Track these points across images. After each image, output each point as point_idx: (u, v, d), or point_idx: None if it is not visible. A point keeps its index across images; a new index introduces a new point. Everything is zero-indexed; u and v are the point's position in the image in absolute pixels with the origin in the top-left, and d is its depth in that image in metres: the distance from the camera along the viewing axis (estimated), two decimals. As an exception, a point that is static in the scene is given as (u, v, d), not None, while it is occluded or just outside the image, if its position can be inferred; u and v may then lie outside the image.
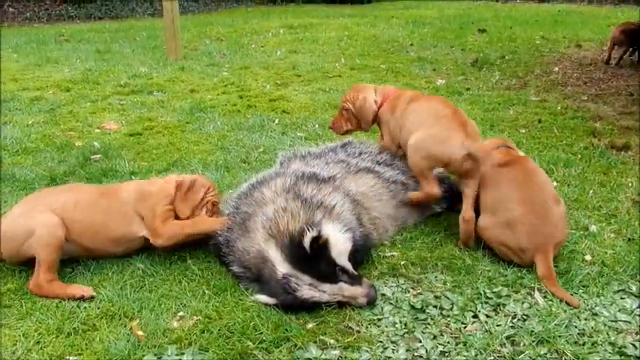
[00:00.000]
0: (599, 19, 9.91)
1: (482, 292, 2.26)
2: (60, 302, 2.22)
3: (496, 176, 2.58)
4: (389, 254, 2.59)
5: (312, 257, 2.16)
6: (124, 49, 8.15)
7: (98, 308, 2.19)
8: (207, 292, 2.30)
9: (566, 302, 2.18)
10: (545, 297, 2.23)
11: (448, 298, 2.24)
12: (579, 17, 10.10)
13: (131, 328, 2.06)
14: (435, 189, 2.68)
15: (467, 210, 2.60)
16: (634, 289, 2.26)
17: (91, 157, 3.84)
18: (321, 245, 2.16)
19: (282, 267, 2.19)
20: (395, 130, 2.88)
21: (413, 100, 2.86)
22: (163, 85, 5.90)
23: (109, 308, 2.19)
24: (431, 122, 2.67)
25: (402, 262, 2.49)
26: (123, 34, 9.59)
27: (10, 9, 12.73)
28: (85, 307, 2.18)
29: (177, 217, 2.57)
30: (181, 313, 2.17)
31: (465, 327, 2.08)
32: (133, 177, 3.50)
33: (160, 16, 7.77)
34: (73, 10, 12.66)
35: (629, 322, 2.07)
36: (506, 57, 6.87)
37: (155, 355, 1.92)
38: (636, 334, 2.02)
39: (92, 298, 2.26)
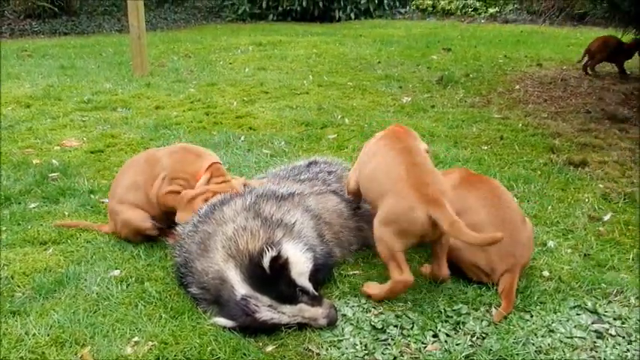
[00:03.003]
0: (559, 39, 10.22)
1: (443, 311, 2.27)
2: (7, 330, 2.12)
3: (464, 197, 2.52)
4: (351, 273, 2.57)
5: (272, 278, 2.13)
6: (88, 64, 8.01)
7: (48, 335, 2.11)
8: (163, 315, 2.24)
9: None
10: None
11: (409, 318, 2.23)
12: (541, 37, 10.40)
13: (82, 356, 1.99)
14: (407, 275, 2.23)
15: (441, 268, 2.37)
16: (589, 304, 2.29)
17: (49, 175, 3.74)
18: (280, 265, 2.14)
19: (241, 288, 2.15)
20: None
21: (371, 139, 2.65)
22: (128, 102, 5.80)
23: (59, 335, 2.11)
24: (387, 187, 2.32)
25: (364, 281, 2.48)
26: (88, 49, 9.43)
27: (-28, 23, 12.39)
28: (34, 334, 2.10)
29: None
30: (136, 339, 2.10)
31: (425, 347, 2.08)
32: (92, 196, 3.42)
33: (127, 32, 7.65)
34: (37, 25, 12.40)
35: (584, 339, 2.10)
36: (471, 75, 7.00)
37: (106, 383, 1.85)
38: (591, 350, 2.05)
39: None
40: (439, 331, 2.15)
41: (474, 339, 2.11)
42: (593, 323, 2.18)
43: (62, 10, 13.06)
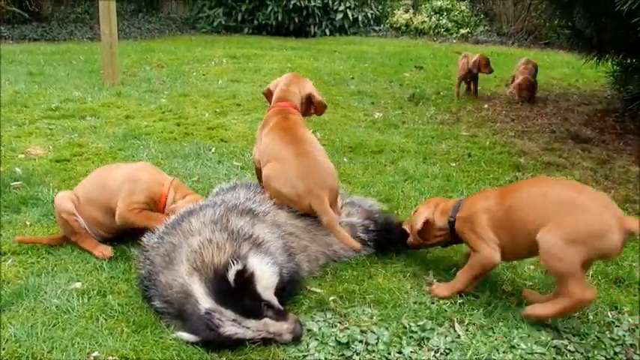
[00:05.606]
0: (528, 61, 10.51)
1: (408, 326, 2.28)
2: (-41, 343, 2.05)
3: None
4: (317, 288, 2.57)
5: (237, 291, 2.11)
6: (58, 72, 7.86)
7: (3, 349, 2.04)
8: (125, 329, 2.19)
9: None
10: (467, 329, 2.28)
11: (374, 333, 2.24)
12: (510, 58, 10.66)
13: (37, 371, 1.93)
14: None
15: None
16: (550, 321, 2.34)
17: (11, 183, 3.64)
18: (246, 279, 2.12)
19: (205, 302, 2.13)
20: None
21: None
22: (97, 110, 5.71)
23: (15, 349, 2.04)
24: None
25: (330, 297, 2.48)
26: (59, 56, 9.26)
27: (-63, 26, 12.04)
28: (-12, 349, 2.03)
29: None
30: (96, 354, 2.05)
31: (390, 362, 2.08)
32: (56, 206, 3.34)
33: (99, 40, 7.54)
34: (5, 30, 12.14)
35: (544, 354, 2.14)
36: (441, 93, 7.14)
37: (62, 399, 1.80)
38: (551, 365, 2.09)
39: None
40: (404, 346, 2.16)
41: (438, 355, 2.13)
42: (552, 339, 2.22)
43: (32, 15, 12.82)
